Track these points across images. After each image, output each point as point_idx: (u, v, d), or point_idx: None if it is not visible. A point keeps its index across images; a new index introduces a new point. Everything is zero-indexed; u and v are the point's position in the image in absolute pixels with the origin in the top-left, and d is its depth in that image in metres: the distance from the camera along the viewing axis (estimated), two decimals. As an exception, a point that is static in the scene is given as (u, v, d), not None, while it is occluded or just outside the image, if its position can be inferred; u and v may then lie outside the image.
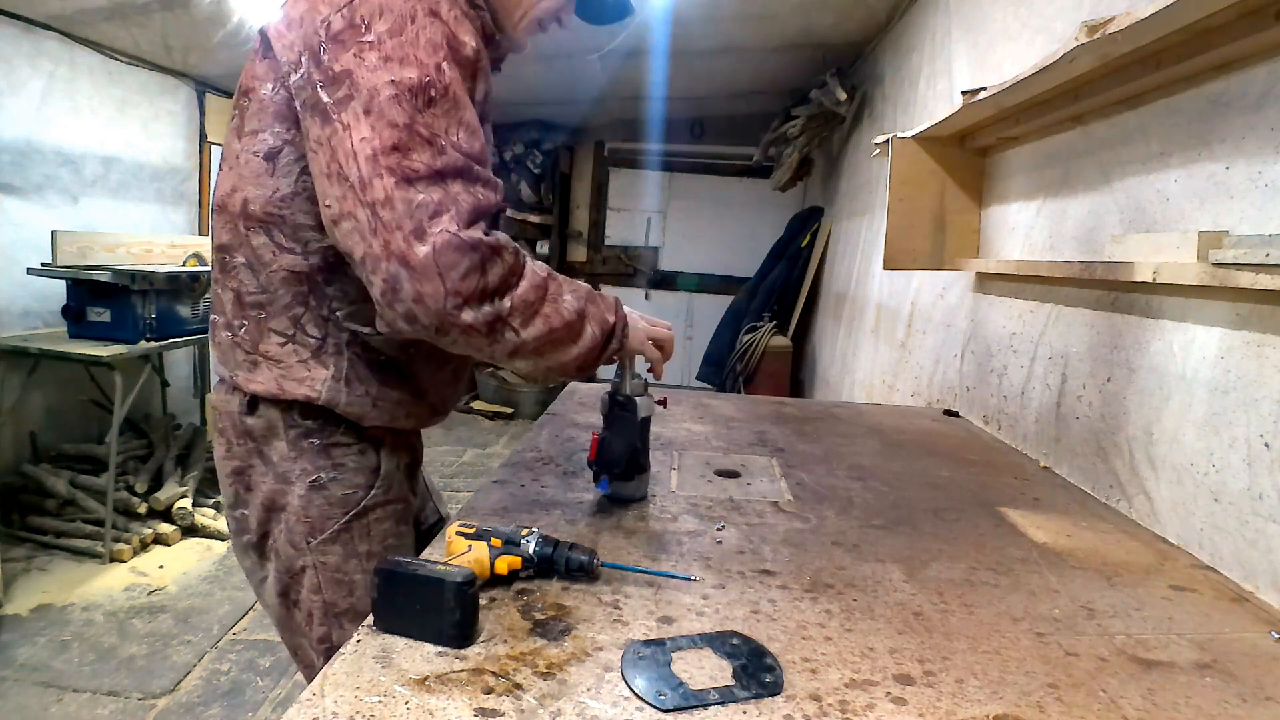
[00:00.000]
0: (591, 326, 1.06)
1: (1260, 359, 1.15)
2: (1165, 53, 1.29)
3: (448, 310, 0.90)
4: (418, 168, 0.90)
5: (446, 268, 0.89)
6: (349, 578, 1.14)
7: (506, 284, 0.95)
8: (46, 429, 3.79)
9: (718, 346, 5.41)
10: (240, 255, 1.07)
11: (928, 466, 1.70)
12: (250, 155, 1.03)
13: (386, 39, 0.92)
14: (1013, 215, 2.07)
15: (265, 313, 1.08)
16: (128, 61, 4.06)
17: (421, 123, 0.91)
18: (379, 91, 0.90)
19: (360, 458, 1.15)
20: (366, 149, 0.89)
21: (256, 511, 1.14)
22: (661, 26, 3.69)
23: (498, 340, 0.96)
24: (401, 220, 0.88)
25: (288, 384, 1.08)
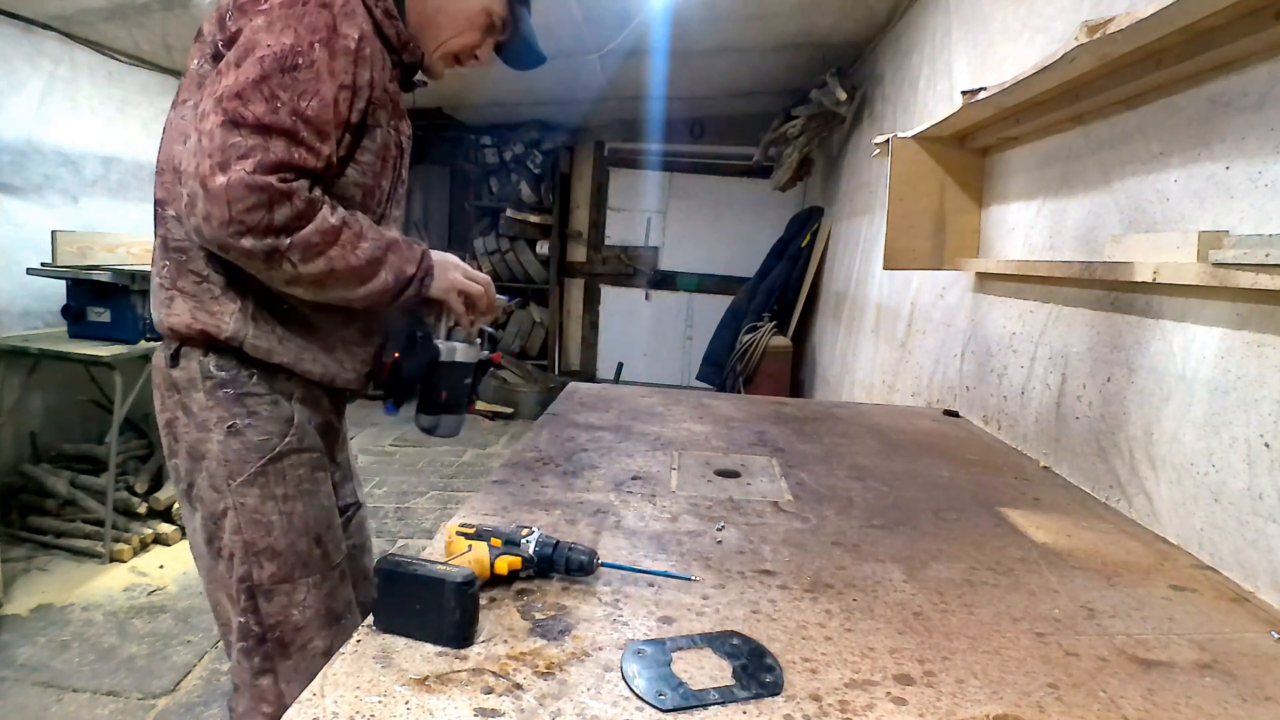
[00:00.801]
0: (385, 274, 1.17)
1: (1260, 359, 1.15)
2: (1165, 53, 1.29)
3: (228, 234, 1.04)
4: (246, 115, 1.04)
5: (234, 199, 1.03)
6: (266, 518, 1.21)
7: (291, 225, 1.07)
8: (46, 429, 3.79)
9: (718, 346, 5.41)
10: (171, 209, 1.22)
11: (928, 466, 1.70)
12: (179, 120, 1.20)
13: (277, 9, 1.08)
14: (1013, 215, 2.07)
15: (186, 256, 1.20)
16: (128, 61, 4.06)
17: (274, 82, 1.05)
18: (253, 49, 1.06)
19: (273, 407, 1.23)
20: (223, 88, 1.05)
21: (184, 460, 1.23)
22: (661, 26, 3.69)
23: (275, 268, 1.09)
24: (214, 151, 1.03)
25: (200, 315, 1.19)
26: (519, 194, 6.61)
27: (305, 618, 1.23)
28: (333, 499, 1.31)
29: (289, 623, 1.21)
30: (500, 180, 6.68)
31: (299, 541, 1.22)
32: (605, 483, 1.45)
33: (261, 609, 1.20)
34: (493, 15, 1.32)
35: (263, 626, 1.20)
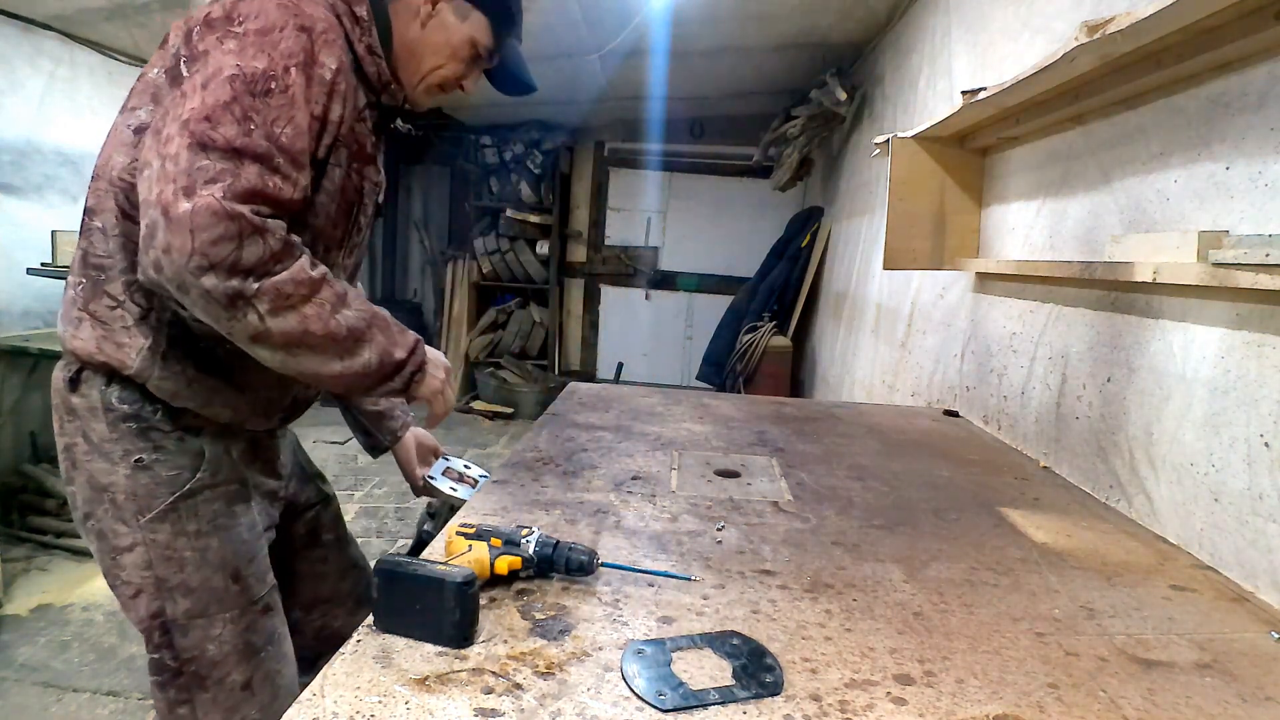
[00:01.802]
0: (370, 353, 1.06)
1: (1260, 359, 1.15)
2: (1165, 53, 1.29)
3: (189, 268, 0.92)
4: (216, 138, 0.95)
5: (199, 228, 0.91)
6: (179, 554, 1.15)
7: (262, 267, 0.95)
8: (46, 429, 3.76)
9: (718, 346, 5.40)
10: (99, 220, 1.12)
11: (928, 466, 1.70)
12: (124, 127, 1.12)
13: (251, 34, 1.01)
14: (1013, 215, 2.07)
15: (104, 275, 1.11)
16: (128, 61, 4.06)
17: (245, 105, 0.97)
18: (221, 70, 0.98)
19: (180, 443, 1.16)
20: (188, 111, 0.96)
21: (83, 489, 1.16)
22: (661, 26, 3.69)
23: (237, 318, 0.96)
24: (178, 175, 0.93)
25: (106, 345, 1.11)
26: (519, 194, 6.61)
27: (222, 652, 1.17)
28: (256, 529, 1.24)
29: (205, 658, 1.16)
30: (500, 180, 6.68)
31: (214, 578, 1.17)
32: (605, 483, 1.45)
33: (176, 644, 1.15)
34: (478, 46, 1.27)
35: (178, 661, 1.16)
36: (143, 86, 1.12)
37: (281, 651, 1.27)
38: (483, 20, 1.26)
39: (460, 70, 1.28)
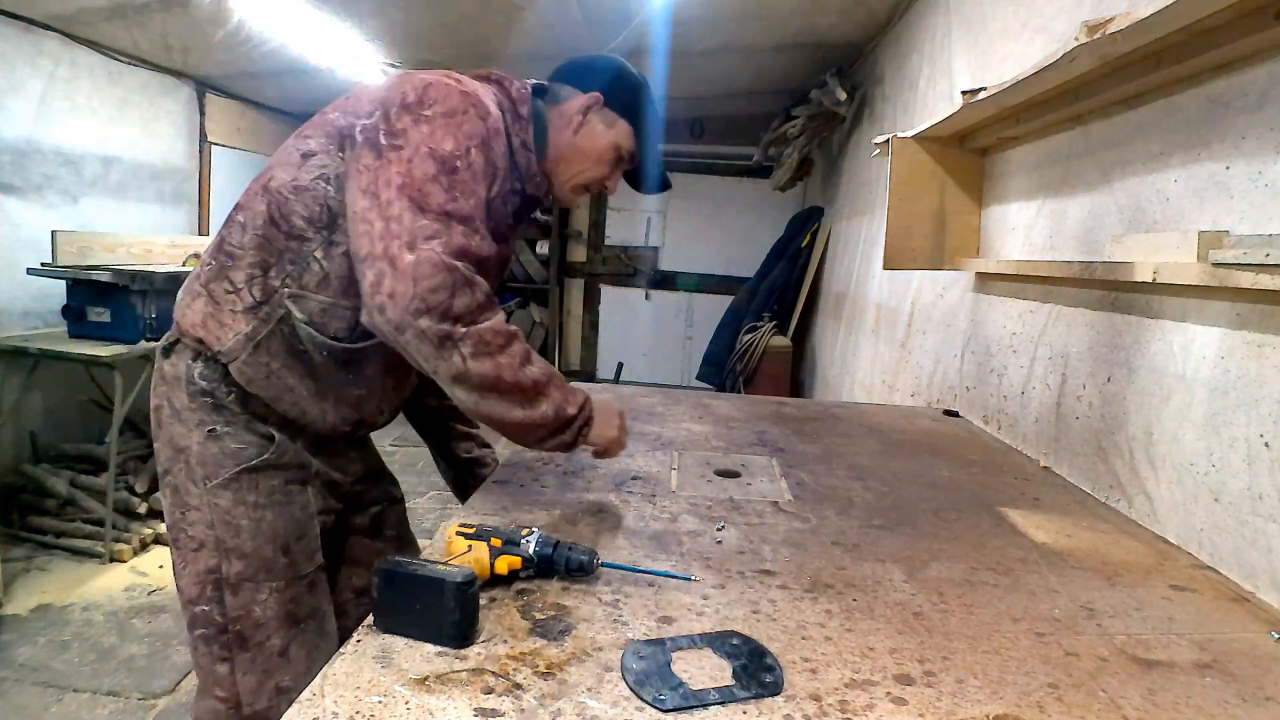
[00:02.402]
0: (547, 406, 1.17)
1: (1260, 359, 1.15)
2: (1165, 53, 1.29)
3: (410, 309, 1.05)
4: (430, 203, 1.10)
5: (421, 276, 1.05)
6: (236, 521, 1.23)
7: (469, 315, 1.09)
8: (46, 429, 3.79)
9: (718, 346, 5.40)
10: (242, 215, 1.24)
11: (928, 466, 1.70)
12: (293, 149, 1.25)
13: (440, 118, 1.16)
14: (1013, 215, 2.07)
15: (231, 262, 1.22)
16: (128, 61, 4.06)
17: (445, 180, 1.13)
18: (421, 149, 1.13)
19: (249, 424, 1.25)
20: (399, 180, 1.11)
21: (165, 448, 1.27)
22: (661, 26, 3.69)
23: (444, 357, 1.08)
24: (402, 233, 1.07)
25: (210, 322, 1.21)
26: (519, 194, 6.60)
27: (265, 617, 1.24)
28: (310, 510, 1.31)
29: (249, 618, 1.24)
30: (500, 180, 6.67)
31: (265, 548, 1.24)
32: (605, 483, 1.45)
33: (226, 601, 1.23)
34: (621, 150, 1.39)
35: (225, 618, 1.23)
36: (319, 120, 1.27)
37: (323, 628, 1.33)
38: (627, 128, 1.38)
39: (604, 172, 1.40)
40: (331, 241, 1.20)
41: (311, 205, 1.20)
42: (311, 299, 1.20)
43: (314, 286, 1.20)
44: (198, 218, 4.76)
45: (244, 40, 3.78)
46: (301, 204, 1.20)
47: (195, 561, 1.24)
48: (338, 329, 1.22)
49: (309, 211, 1.20)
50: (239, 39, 3.75)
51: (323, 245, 1.20)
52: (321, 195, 1.19)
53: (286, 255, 1.20)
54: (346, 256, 1.18)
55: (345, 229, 1.17)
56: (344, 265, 1.19)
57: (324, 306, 1.21)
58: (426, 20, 3.78)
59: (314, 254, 1.20)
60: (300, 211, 1.20)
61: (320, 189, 1.20)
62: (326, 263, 1.20)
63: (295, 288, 1.20)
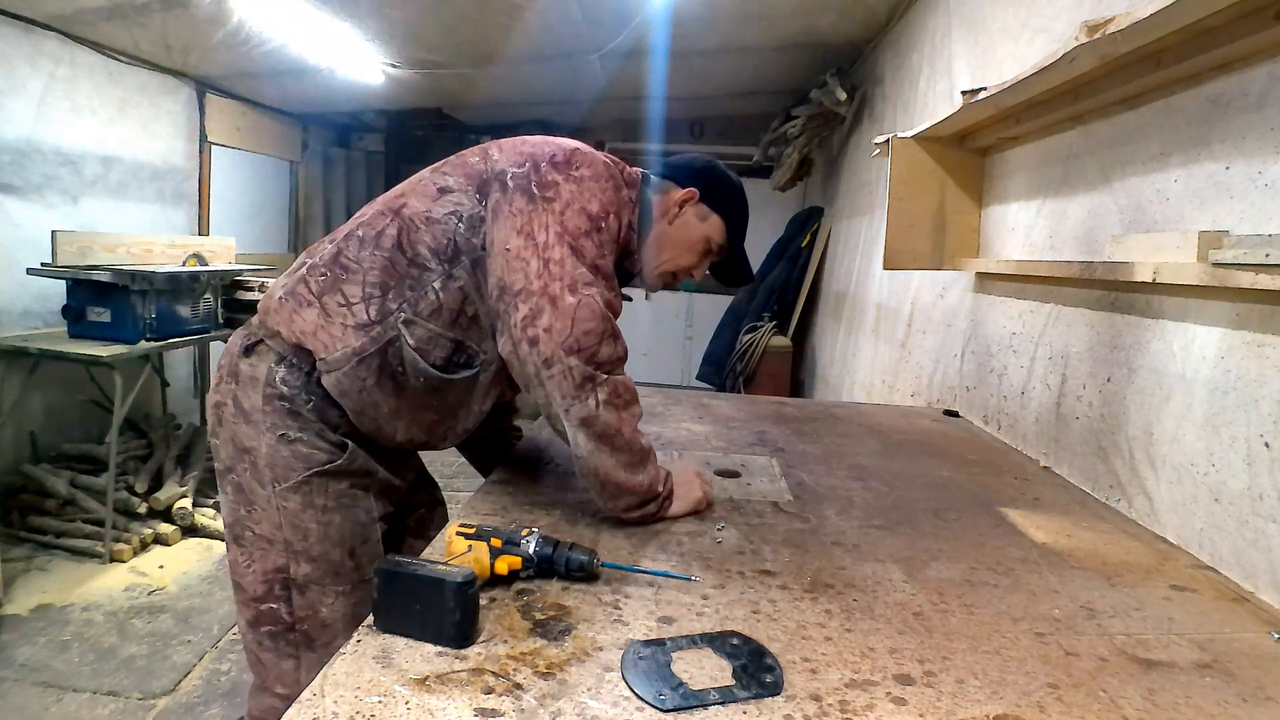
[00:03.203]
0: (644, 476, 1.22)
1: (1260, 359, 1.15)
2: (1165, 53, 1.29)
3: (564, 345, 1.13)
4: (585, 254, 1.19)
5: (580, 319, 1.14)
6: (305, 524, 1.25)
7: (609, 365, 1.17)
8: (46, 429, 3.79)
9: (718, 346, 5.40)
10: (363, 231, 1.28)
11: (928, 466, 1.70)
12: (430, 183, 1.31)
13: (587, 179, 1.27)
14: (1013, 215, 2.07)
15: (347, 276, 1.25)
16: (128, 61, 4.06)
17: (593, 236, 1.22)
18: (573, 204, 1.22)
19: (321, 432, 1.26)
20: (555, 227, 1.19)
21: (226, 446, 1.27)
22: (661, 26, 3.69)
23: (581, 398, 1.14)
24: (564, 276, 1.16)
25: (321, 333, 1.23)
26: (519, 194, 6.60)
27: (333, 617, 1.27)
28: (373, 514, 1.32)
29: (316, 618, 1.26)
30: (500, 180, 6.68)
31: (332, 551, 1.26)
32: (605, 483, 1.45)
33: (294, 600, 1.25)
34: (712, 243, 1.46)
35: (293, 617, 1.25)
36: (459, 162, 1.34)
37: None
38: (719, 223, 1.46)
39: (693, 262, 1.47)
40: (450, 275, 1.24)
41: (440, 238, 1.24)
42: (422, 326, 1.23)
43: (427, 315, 1.24)
44: (198, 218, 4.76)
45: (244, 40, 3.78)
46: (430, 235, 1.25)
47: (263, 560, 1.25)
48: (437, 357, 1.25)
49: (436, 243, 1.24)
50: (239, 39, 3.75)
51: (442, 277, 1.24)
52: (451, 230, 1.24)
53: (407, 281, 1.24)
54: (461, 291, 1.24)
55: (465, 264, 1.24)
56: (457, 299, 1.24)
57: (431, 335, 1.24)
58: (426, 20, 3.78)
59: (433, 284, 1.23)
60: (428, 241, 1.24)
61: (451, 224, 1.25)
62: (443, 294, 1.24)
63: (410, 313, 1.23)
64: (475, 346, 1.27)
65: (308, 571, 1.25)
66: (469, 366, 1.28)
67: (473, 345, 1.27)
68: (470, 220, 1.25)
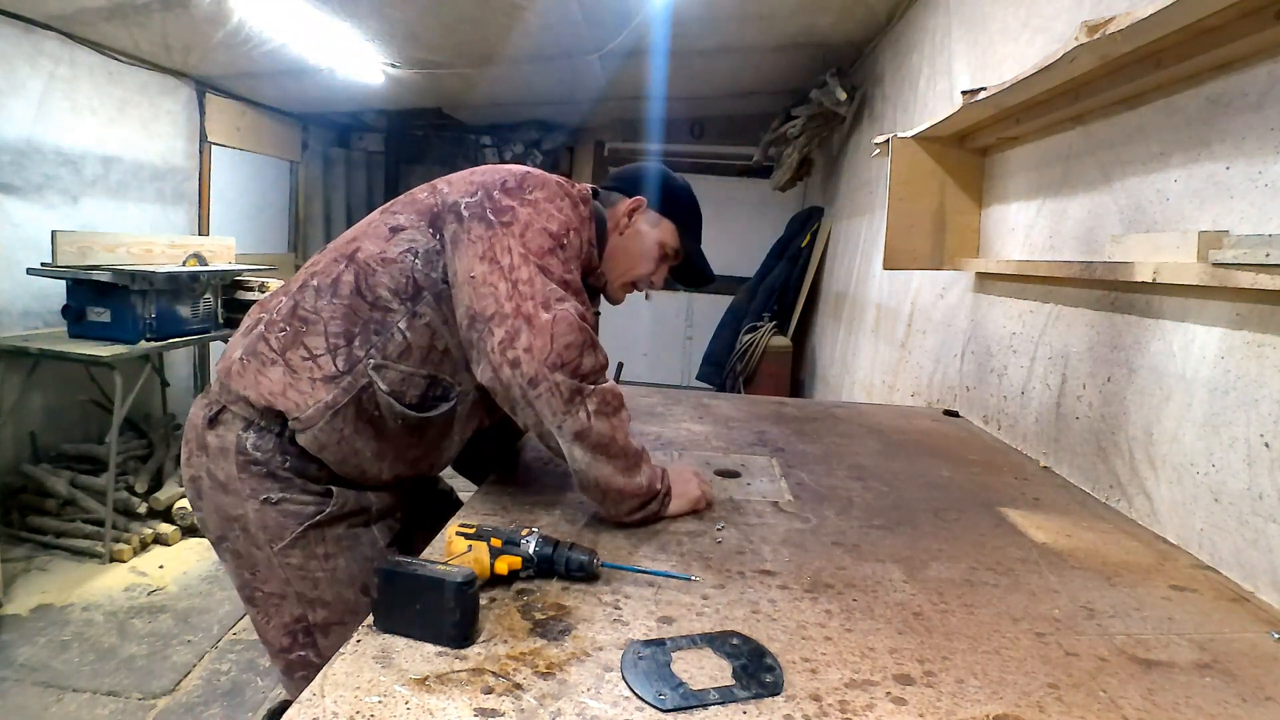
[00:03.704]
0: (642, 477, 1.22)
1: (1260, 359, 1.15)
2: (1165, 53, 1.29)
3: (547, 362, 1.11)
4: (552, 271, 1.18)
5: (559, 334, 1.12)
6: (311, 574, 1.24)
7: (593, 375, 1.16)
8: (46, 429, 3.79)
9: (718, 346, 5.40)
10: (318, 280, 1.26)
11: (928, 466, 1.70)
12: (381, 224, 1.30)
13: (542, 201, 1.26)
14: (1013, 215, 2.07)
15: (306, 328, 1.23)
16: (128, 61, 4.06)
17: (558, 253, 1.22)
18: (531, 224, 1.22)
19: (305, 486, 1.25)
20: (519, 248, 1.18)
21: (213, 518, 1.26)
22: (661, 26, 3.69)
23: (571, 412, 1.13)
24: (535, 294, 1.15)
25: (290, 391, 1.20)
26: (519, 194, 6.60)
27: None
28: (378, 544, 1.31)
29: None
30: (500, 180, 6.67)
31: (345, 592, 1.25)
32: (605, 483, 1.45)
33: (319, 644, 1.25)
34: (666, 247, 1.49)
35: (322, 659, 1.23)
36: (408, 200, 1.33)
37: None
38: (670, 226, 1.49)
39: (651, 269, 1.49)
40: (415, 313, 1.23)
41: (398, 277, 1.23)
42: (393, 369, 1.22)
43: (396, 356, 1.22)
44: (198, 218, 4.76)
45: (244, 40, 3.78)
46: (388, 275, 1.23)
47: (279, 614, 1.25)
48: (412, 397, 1.24)
49: (395, 283, 1.23)
50: (239, 39, 3.75)
51: (407, 316, 1.22)
52: (408, 268, 1.23)
53: (371, 325, 1.22)
54: (429, 327, 1.23)
55: (428, 300, 1.23)
56: (425, 336, 1.23)
57: (404, 375, 1.23)
58: (426, 20, 3.78)
59: (398, 324, 1.22)
60: (386, 283, 1.23)
61: (408, 261, 1.23)
62: (410, 334, 1.22)
63: (379, 358, 1.22)
64: (449, 379, 1.26)
65: (325, 616, 1.24)
66: (445, 400, 1.27)
67: (446, 379, 1.26)
68: (426, 255, 1.24)
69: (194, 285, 3.86)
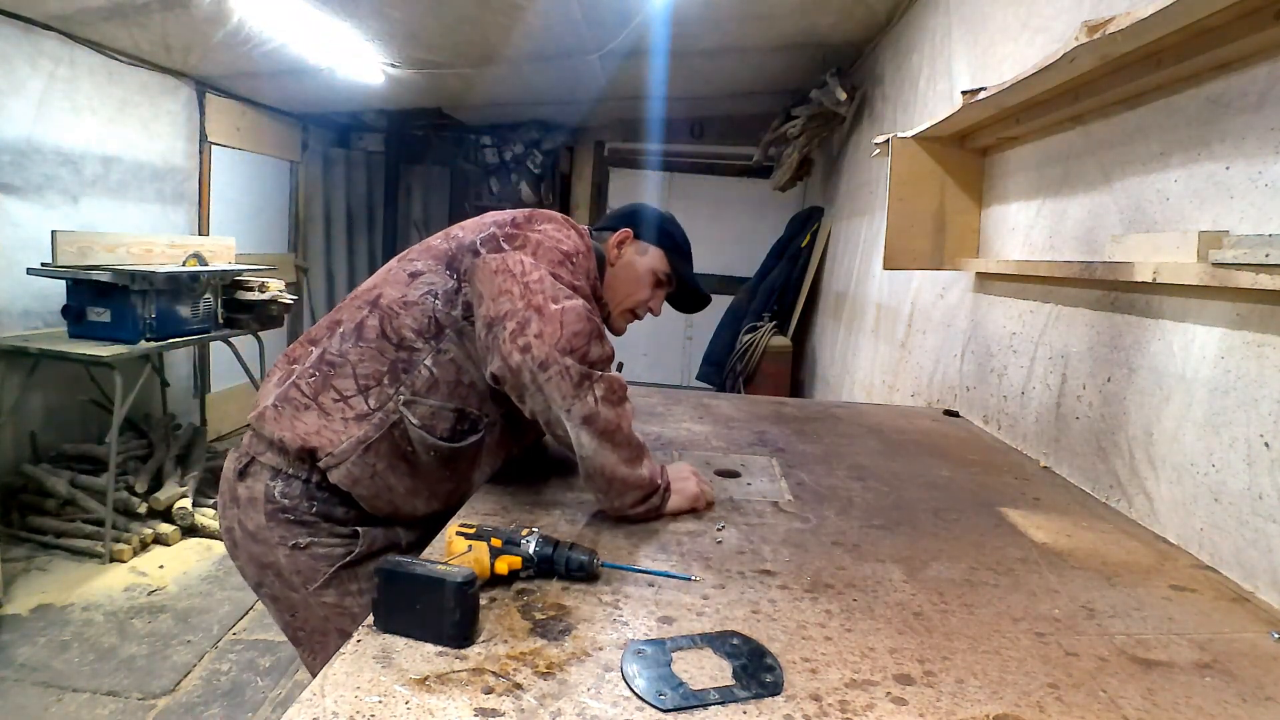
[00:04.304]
0: (645, 470, 1.23)
1: (1260, 359, 1.15)
2: (1165, 53, 1.29)
3: (557, 346, 1.14)
4: (562, 277, 1.25)
5: (568, 322, 1.16)
6: (349, 610, 1.29)
7: (601, 364, 1.19)
8: (46, 429, 3.79)
9: (718, 346, 5.40)
10: (344, 326, 1.33)
11: (928, 466, 1.70)
12: (400, 270, 1.37)
13: (550, 230, 1.34)
14: (1013, 215, 2.07)
15: (334, 371, 1.29)
16: (128, 61, 4.06)
17: (568, 265, 1.29)
18: (542, 244, 1.29)
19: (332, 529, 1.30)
20: (530, 259, 1.25)
21: (249, 565, 1.32)
22: (661, 26, 3.69)
23: (580, 396, 1.15)
24: (546, 290, 1.20)
25: (325, 432, 1.25)
26: (519, 194, 6.60)
27: None
28: None
29: None
30: (500, 180, 6.68)
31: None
32: (605, 483, 1.45)
33: None
34: (658, 273, 1.57)
35: None
36: (425, 248, 1.40)
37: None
38: (659, 252, 1.57)
39: (647, 295, 1.58)
40: (439, 349, 1.29)
41: (420, 318, 1.29)
42: (422, 403, 1.28)
43: (425, 391, 1.28)
44: (198, 218, 4.76)
45: (244, 40, 3.78)
46: (411, 317, 1.30)
47: (324, 648, 1.29)
48: (442, 430, 1.29)
49: (418, 324, 1.29)
50: (239, 39, 3.75)
51: (432, 353, 1.28)
52: (430, 308, 1.30)
53: (399, 365, 1.28)
54: (453, 362, 1.29)
55: (451, 337, 1.29)
56: (451, 370, 1.29)
57: (433, 409, 1.28)
58: (426, 20, 3.78)
59: (424, 362, 1.28)
60: (410, 324, 1.29)
61: (428, 303, 1.30)
62: (436, 369, 1.28)
63: (409, 394, 1.27)
64: (476, 412, 1.31)
65: None
66: (474, 431, 1.32)
67: (474, 411, 1.31)
68: (446, 295, 1.30)
69: (194, 285, 3.86)
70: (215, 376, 5.04)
